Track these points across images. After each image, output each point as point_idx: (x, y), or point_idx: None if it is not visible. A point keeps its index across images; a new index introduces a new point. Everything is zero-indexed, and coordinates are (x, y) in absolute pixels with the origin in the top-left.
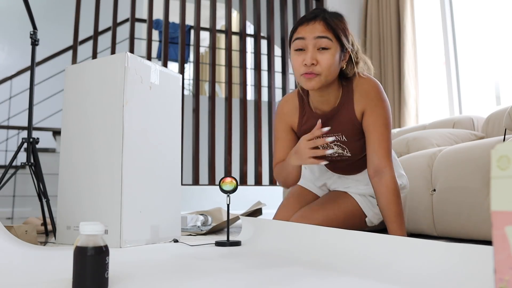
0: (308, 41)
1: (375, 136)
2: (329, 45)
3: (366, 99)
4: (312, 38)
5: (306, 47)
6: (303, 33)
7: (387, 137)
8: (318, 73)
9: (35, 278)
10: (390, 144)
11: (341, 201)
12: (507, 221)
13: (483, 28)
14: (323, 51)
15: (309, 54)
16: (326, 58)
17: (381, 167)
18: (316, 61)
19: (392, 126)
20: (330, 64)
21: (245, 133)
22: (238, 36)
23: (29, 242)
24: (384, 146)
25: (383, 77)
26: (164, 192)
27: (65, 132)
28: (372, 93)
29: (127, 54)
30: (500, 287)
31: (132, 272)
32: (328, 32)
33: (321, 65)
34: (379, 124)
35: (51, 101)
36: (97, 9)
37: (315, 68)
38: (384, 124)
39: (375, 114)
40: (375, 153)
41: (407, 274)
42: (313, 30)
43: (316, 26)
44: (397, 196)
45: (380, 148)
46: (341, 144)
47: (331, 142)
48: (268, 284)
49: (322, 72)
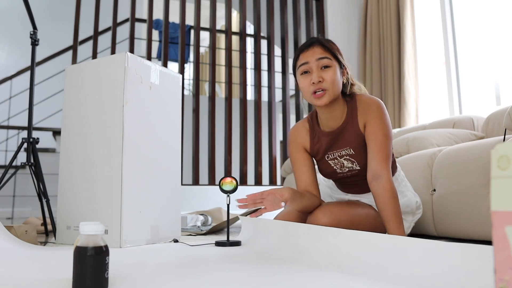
0: (311, 64)
1: (374, 144)
2: (329, 63)
3: (368, 112)
4: (314, 60)
5: (310, 69)
6: (305, 59)
7: (386, 145)
8: (326, 88)
9: (35, 278)
10: (390, 153)
11: (367, 209)
12: (507, 221)
13: (483, 28)
14: (326, 69)
15: (314, 74)
16: (330, 75)
17: (379, 171)
18: (322, 78)
19: (392, 139)
20: (333, 79)
21: (245, 133)
22: (238, 36)
23: (29, 242)
24: (383, 153)
25: (383, 77)
26: (164, 192)
27: (65, 132)
28: (373, 107)
29: (127, 54)
30: (500, 287)
31: (132, 272)
32: (326, 53)
33: (327, 81)
34: (379, 134)
35: (51, 101)
36: (97, 9)
37: (322, 84)
38: (383, 134)
39: (375, 124)
40: (374, 159)
41: (407, 274)
42: (313, 54)
43: (315, 50)
44: (394, 197)
45: (379, 154)
46: (350, 158)
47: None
48: (268, 284)
49: (329, 87)
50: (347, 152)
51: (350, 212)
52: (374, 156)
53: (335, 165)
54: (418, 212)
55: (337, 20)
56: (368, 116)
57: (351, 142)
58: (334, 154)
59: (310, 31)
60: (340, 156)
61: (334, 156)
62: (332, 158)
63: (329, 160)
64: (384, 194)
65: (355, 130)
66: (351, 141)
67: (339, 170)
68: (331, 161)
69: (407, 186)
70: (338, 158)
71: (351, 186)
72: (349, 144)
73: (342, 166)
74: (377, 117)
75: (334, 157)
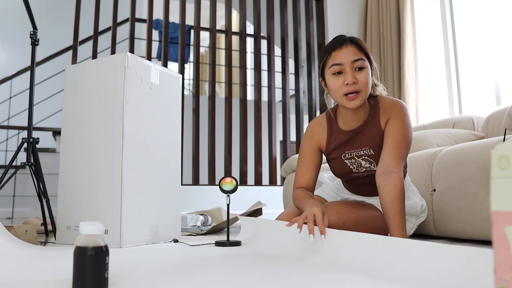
0: (346, 65)
1: (391, 141)
2: (364, 64)
3: (390, 111)
4: (349, 62)
5: (344, 70)
6: (339, 59)
7: (403, 145)
8: (359, 90)
9: (35, 278)
10: (405, 154)
11: (372, 210)
12: (507, 221)
13: (483, 28)
14: (360, 70)
15: (349, 75)
16: (364, 77)
17: (391, 167)
18: (357, 80)
19: (410, 142)
20: (367, 81)
21: (245, 133)
22: (238, 36)
23: (29, 242)
24: (399, 151)
25: (383, 77)
26: (164, 192)
27: (65, 132)
28: (396, 108)
29: (127, 54)
30: (500, 287)
31: (132, 272)
32: (361, 54)
33: (361, 83)
34: (397, 132)
35: (51, 101)
36: (97, 9)
37: (356, 86)
38: (402, 133)
39: (395, 123)
40: (389, 155)
41: (407, 275)
42: (348, 54)
43: (349, 49)
44: (402, 195)
45: (394, 151)
46: (368, 158)
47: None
48: (268, 284)
49: (362, 89)
50: (366, 152)
51: (356, 213)
52: (389, 152)
53: (351, 165)
54: (422, 216)
55: (337, 20)
56: (390, 114)
57: (371, 142)
58: (352, 154)
59: (310, 31)
60: (358, 155)
61: (352, 155)
62: (349, 157)
63: (345, 159)
64: (393, 190)
65: (377, 130)
66: (371, 141)
67: (355, 170)
68: (348, 160)
69: (414, 191)
70: (355, 158)
71: (362, 188)
72: (368, 145)
73: (360, 166)
74: (398, 116)
75: (351, 157)
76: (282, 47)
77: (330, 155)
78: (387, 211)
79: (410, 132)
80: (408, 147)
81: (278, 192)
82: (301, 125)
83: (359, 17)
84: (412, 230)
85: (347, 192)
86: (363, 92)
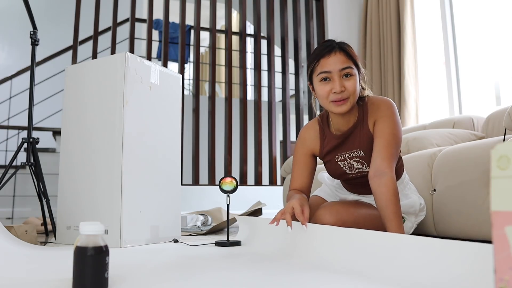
0: (334, 73)
1: (380, 141)
2: (352, 72)
3: (377, 112)
4: (337, 70)
5: (332, 77)
6: (327, 67)
7: (392, 144)
8: (347, 97)
9: (35, 278)
10: (396, 153)
11: (370, 209)
12: (507, 221)
13: (483, 28)
14: (348, 78)
15: (337, 83)
16: (352, 84)
17: (382, 168)
18: (344, 88)
19: (400, 140)
20: (355, 88)
21: (245, 133)
22: (238, 36)
23: (29, 242)
24: (389, 151)
25: (383, 77)
26: (164, 192)
27: (65, 132)
28: (383, 107)
29: (127, 54)
30: (500, 287)
31: (132, 272)
32: (349, 62)
33: (349, 90)
34: (386, 132)
35: (51, 101)
36: (97, 9)
37: (344, 94)
38: (391, 133)
39: (384, 123)
40: (379, 156)
41: (407, 273)
42: (336, 62)
43: (338, 57)
44: (396, 196)
45: (384, 151)
46: (360, 160)
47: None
48: (268, 284)
49: (350, 96)
50: (357, 154)
51: (355, 213)
52: (379, 153)
53: (344, 166)
54: (421, 214)
55: (337, 20)
56: (377, 115)
57: (361, 144)
58: (344, 156)
59: (310, 31)
60: (350, 157)
61: (344, 157)
62: (341, 159)
63: (338, 161)
64: (387, 192)
65: (366, 131)
66: (361, 143)
67: (349, 171)
68: (341, 162)
69: (412, 189)
70: (347, 160)
71: (359, 187)
72: (359, 146)
73: (352, 168)
74: (385, 115)
75: (343, 158)
76: (282, 47)
77: (325, 158)
78: (383, 213)
79: (399, 130)
80: (398, 145)
81: (278, 192)
82: (301, 125)
83: (359, 17)
84: (412, 229)
85: (345, 192)
86: (351, 98)
